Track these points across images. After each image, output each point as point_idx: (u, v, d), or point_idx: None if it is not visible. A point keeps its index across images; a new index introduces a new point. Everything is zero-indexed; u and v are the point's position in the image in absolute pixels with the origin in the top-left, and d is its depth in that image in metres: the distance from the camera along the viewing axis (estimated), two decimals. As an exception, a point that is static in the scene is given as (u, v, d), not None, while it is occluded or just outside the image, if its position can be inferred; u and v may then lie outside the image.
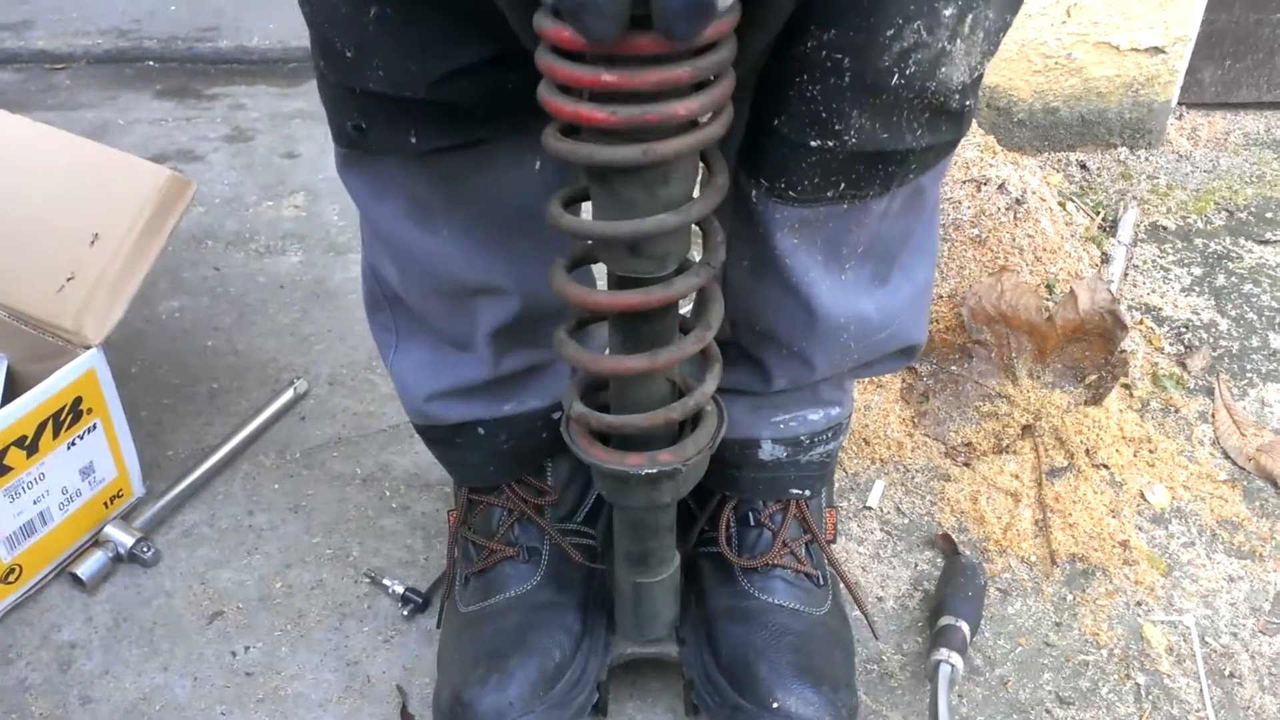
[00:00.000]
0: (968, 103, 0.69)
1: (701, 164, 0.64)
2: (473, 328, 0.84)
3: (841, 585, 0.96)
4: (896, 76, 0.63)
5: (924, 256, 0.85)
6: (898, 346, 0.88)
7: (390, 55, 0.64)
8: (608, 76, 0.53)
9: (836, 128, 0.66)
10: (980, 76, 0.69)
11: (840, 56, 0.63)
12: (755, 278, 0.78)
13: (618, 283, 0.66)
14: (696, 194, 0.63)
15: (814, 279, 0.77)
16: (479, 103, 0.68)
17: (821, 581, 0.94)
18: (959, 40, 0.63)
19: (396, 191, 0.76)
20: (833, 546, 1.04)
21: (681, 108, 0.55)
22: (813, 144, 0.67)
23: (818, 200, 0.71)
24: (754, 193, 0.73)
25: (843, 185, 0.70)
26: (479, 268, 0.79)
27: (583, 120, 0.55)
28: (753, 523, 0.94)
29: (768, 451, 0.91)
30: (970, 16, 0.62)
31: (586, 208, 0.65)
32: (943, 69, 0.64)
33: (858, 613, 0.97)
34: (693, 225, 0.64)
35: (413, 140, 0.70)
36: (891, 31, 0.61)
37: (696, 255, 0.68)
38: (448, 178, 0.74)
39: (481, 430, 0.90)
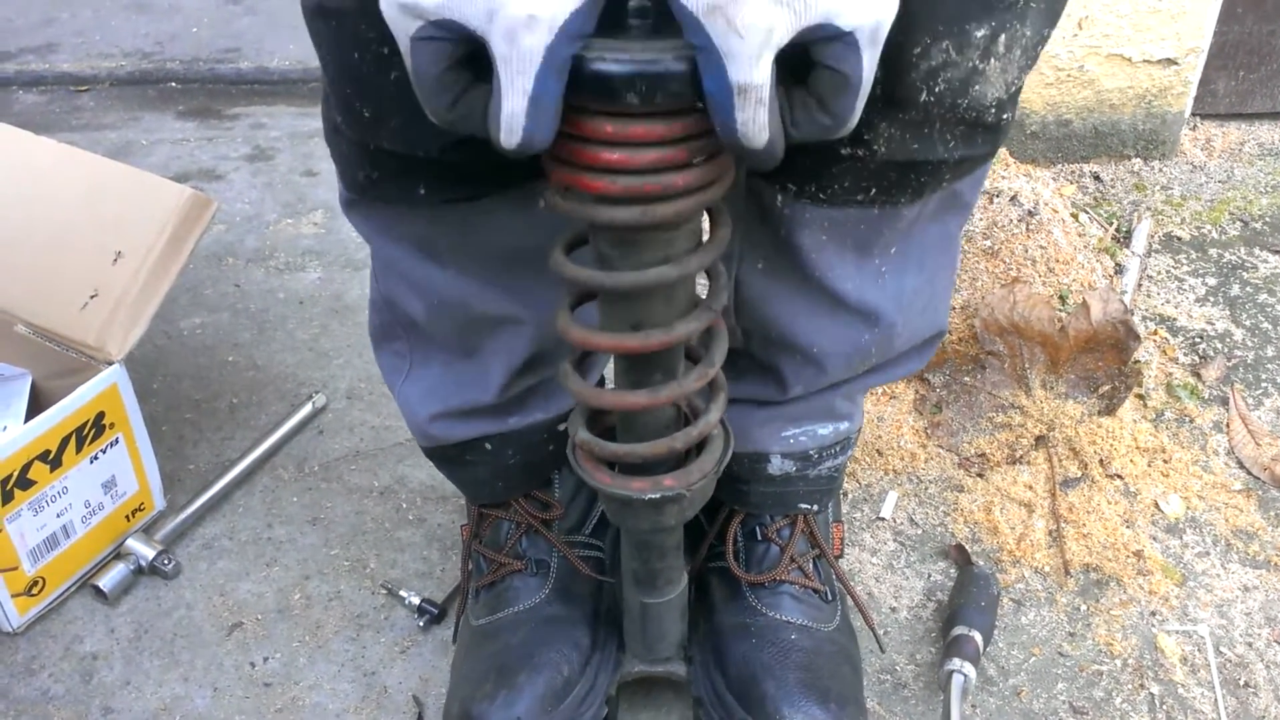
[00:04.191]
0: (1004, 116, 0.68)
1: (705, 215, 0.64)
2: (488, 352, 0.85)
3: (850, 600, 0.96)
4: (925, 94, 0.63)
5: (951, 257, 0.85)
6: (919, 340, 0.88)
7: (407, 116, 0.65)
8: (609, 155, 0.53)
9: (865, 137, 0.66)
10: (1019, 89, 0.68)
11: None
12: (771, 279, 0.78)
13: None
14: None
15: (838, 275, 0.77)
16: (489, 163, 0.69)
17: (829, 597, 0.94)
18: (993, 59, 0.62)
19: (403, 233, 0.78)
20: (844, 559, 1.04)
21: (680, 179, 0.55)
22: (843, 151, 0.67)
23: (848, 203, 0.71)
24: (779, 198, 0.72)
25: (874, 191, 0.70)
26: (491, 301, 0.80)
27: (583, 188, 0.55)
28: (760, 538, 0.94)
29: (777, 466, 0.92)
30: (1004, 36, 0.62)
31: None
32: (976, 87, 0.63)
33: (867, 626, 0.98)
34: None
35: (421, 193, 0.71)
36: (918, 50, 0.60)
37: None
38: (454, 224, 0.75)
39: (489, 446, 0.90)
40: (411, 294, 0.82)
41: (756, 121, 0.49)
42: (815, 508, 0.95)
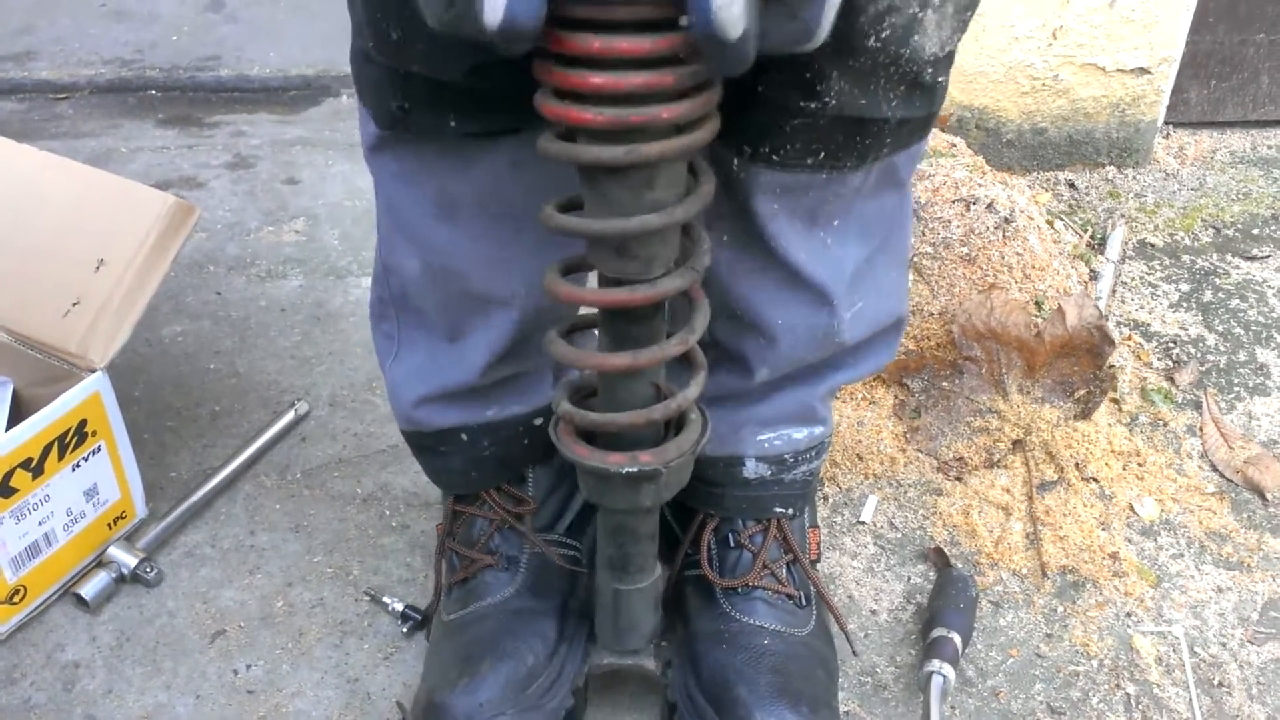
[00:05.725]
0: (940, 79, 0.72)
1: (688, 173, 0.66)
2: (473, 336, 0.86)
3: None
4: (872, 39, 0.66)
5: (891, 236, 0.87)
6: (879, 326, 0.89)
7: (432, 39, 0.67)
8: (595, 79, 0.55)
9: (818, 89, 0.69)
10: (951, 54, 0.72)
11: None
12: (735, 252, 0.81)
13: (607, 286, 0.68)
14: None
15: (791, 244, 0.79)
16: (511, 90, 0.70)
17: (804, 602, 0.95)
18: (930, 10, 0.66)
19: (427, 180, 0.78)
20: (824, 562, 1.05)
21: (665, 111, 0.57)
22: (796, 105, 0.70)
23: (799, 167, 0.74)
24: (735, 161, 0.75)
25: (822, 154, 0.73)
26: (493, 271, 0.81)
27: (571, 121, 0.58)
28: (733, 544, 0.95)
29: (752, 469, 0.93)
30: None
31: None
32: (915, 37, 0.67)
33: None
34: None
35: (453, 124, 0.73)
36: None
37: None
38: (482, 173, 0.76)
39: (465, 436, 0.92)
40: (412, 252, 0.83)
41: (733, 9, 0.50)
42: (790, 512, 0.96)
